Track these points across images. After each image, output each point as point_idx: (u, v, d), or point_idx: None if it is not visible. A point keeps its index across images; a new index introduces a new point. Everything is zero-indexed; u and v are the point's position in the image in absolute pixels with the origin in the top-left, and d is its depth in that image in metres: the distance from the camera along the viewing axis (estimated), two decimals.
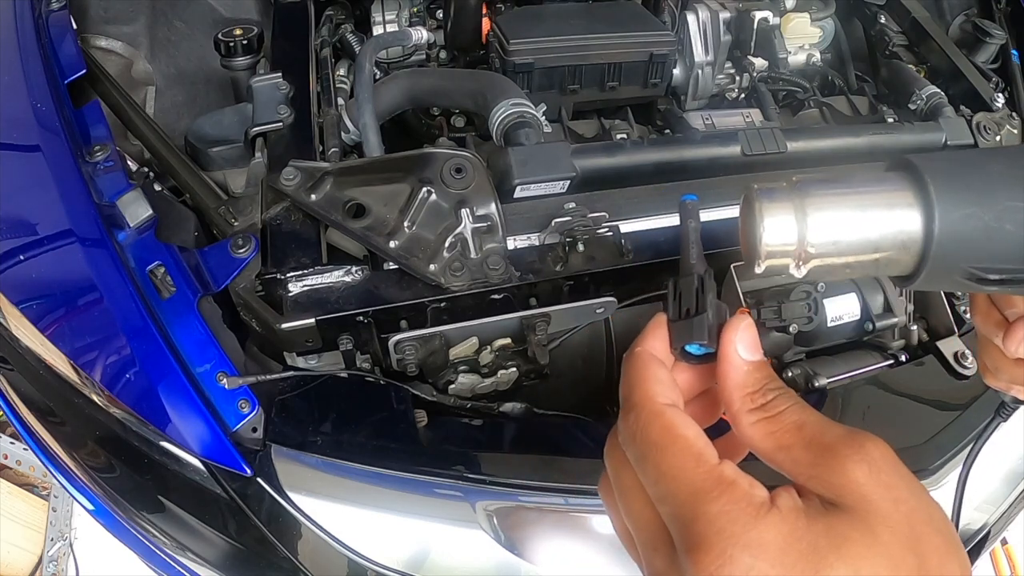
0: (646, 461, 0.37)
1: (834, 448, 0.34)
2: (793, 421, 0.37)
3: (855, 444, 0.34)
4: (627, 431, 0.39)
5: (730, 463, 0.36)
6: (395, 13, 1.12)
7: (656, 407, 0.38)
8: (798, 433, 0.36)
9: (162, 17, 1.16)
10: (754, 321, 0.42)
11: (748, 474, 0.36)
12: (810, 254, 0.41)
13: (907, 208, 0.40)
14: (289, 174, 0.73)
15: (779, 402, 0.38)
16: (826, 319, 0.81)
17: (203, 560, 0.71)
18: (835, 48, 1.29)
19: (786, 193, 0.42)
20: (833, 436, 0.35)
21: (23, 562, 1.77)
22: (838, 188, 0.42)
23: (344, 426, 0.68)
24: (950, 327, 0.88)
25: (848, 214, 0.41)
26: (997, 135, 1.00)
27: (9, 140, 0.80)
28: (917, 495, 0.34)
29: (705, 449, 0.36)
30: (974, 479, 0.69)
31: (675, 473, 0.36)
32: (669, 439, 0.37)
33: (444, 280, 0.70)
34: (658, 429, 0.37)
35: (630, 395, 0.40)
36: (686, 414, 0.39)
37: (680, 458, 0.36)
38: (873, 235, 0.41)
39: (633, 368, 0.41)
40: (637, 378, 0.41)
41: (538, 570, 0.67)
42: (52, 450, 0.78)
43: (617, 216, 0.80)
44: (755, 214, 0.42)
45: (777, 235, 0.41)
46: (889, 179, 0.42)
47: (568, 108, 1.03)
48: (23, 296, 0.72)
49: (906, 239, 0.40)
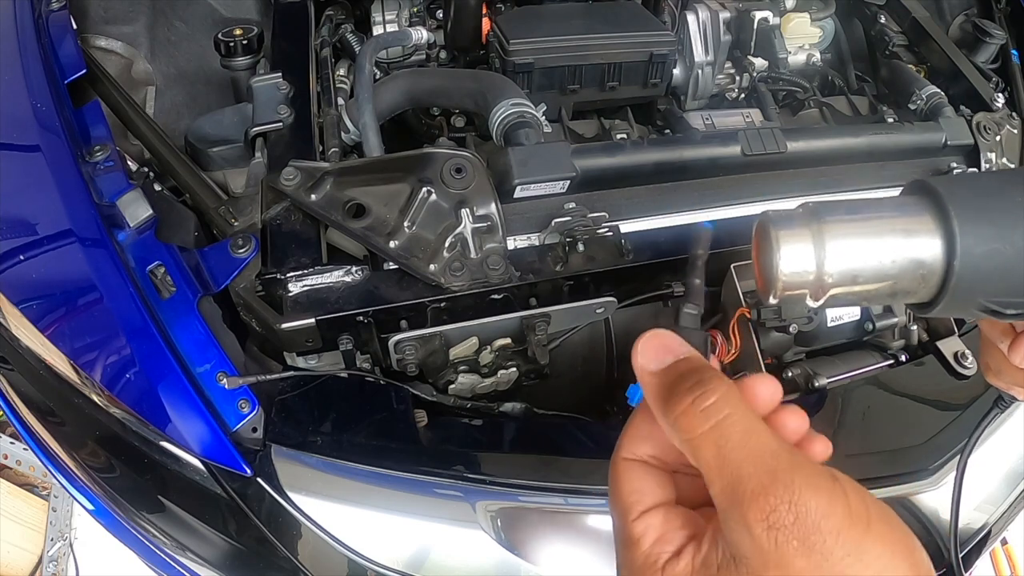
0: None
1: (744, 507, 0.31)
2: (712, 454, 0.33)
3: (766, 506, 0.30)
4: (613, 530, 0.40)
5: (649, 514, 0.37)
6: (395, 13, 1.12)
7: (629, 525, 0.38)
8: (717, 471, 0.33)
9: (162, 17, 1.16)
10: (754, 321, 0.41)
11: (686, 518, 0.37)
12: (828, 284, 0.39)
13: (928, 239, 0.39)
14: (289, 174, 0.73)
15: (694, 424, 0.34)
16: (826, 319, 0.81)
17: (203, 560, 0.71)
18: (835, 48, 1.29)
19: (803, 220, 0.40)
20: (749, 489, 0.31)
21: (23, 562, 1.77)
22: (856, 215, 0.40)
23: (344, 426, 0.68)
24: (950, 327, 0.88)
25: (867, 243, 0.39)
26: (997, 135, 0.99)
27: (9, 140, 0.80)
28: (834, 557, 0.30)
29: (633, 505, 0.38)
30: (974, 479, 0.69)
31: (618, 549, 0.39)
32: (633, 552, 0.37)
33: (444, 280, 0.70)
34: (625, 537, 0.38)
35: (612, 503, 0.40)
36: (652, 518, 0.37)
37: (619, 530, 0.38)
38: (892, 266, 0.39)
39: (612, 476, 0.40)
40: (614, 488, 0.40)
41: (538, 570, 0.67)
42: (52, 450, 0.78)
43: (617, 216, 0.80)
44: (771, 242, 0.40)
45: (794, 264, 0.39)
46: (909, 207, 0.40)
47: (568, 108, 1.03)
48: (23, 296, 0.72)
49: (926, 272, 0.39)
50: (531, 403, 0.77)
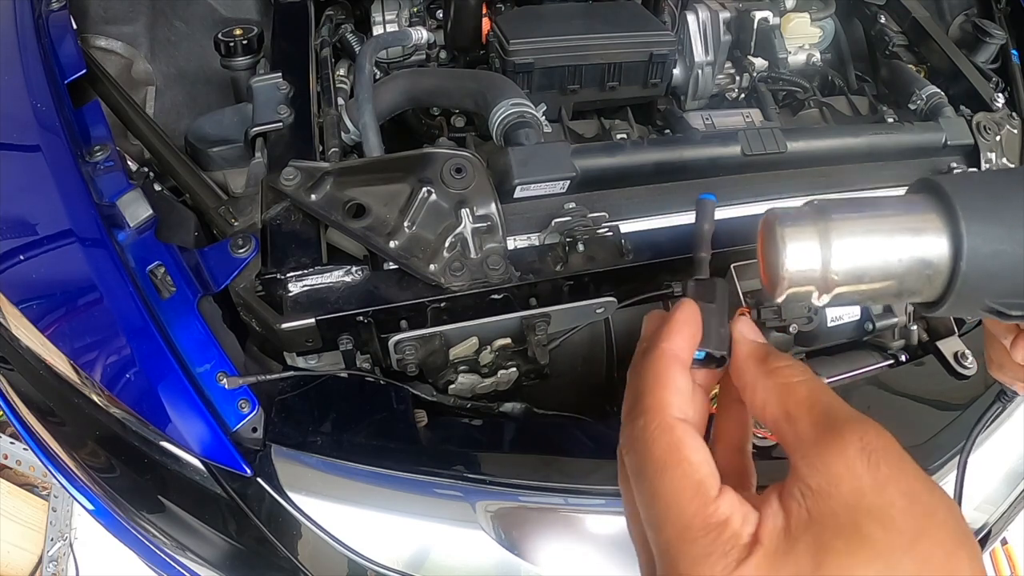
0: (642, 478, 0.36)
1: (838, 431, 0.33)
2: (805, 394, 0.36)
3: (858, 431, 0.33)
4: (630, 437, 0.37)
5: (729, 494, 0.35)
6: (395, 13, 1.12)
7: (668, 420, 0.36)
8: (807, 407, 0.35)
9: (162, 17, 1.16)
10: (754, 321, 0.42)
11: (746, 499, 0.35)
12: (834, 281, 0.39)
13: (935, 238, 0.39)
14: (289, 174, 0.73)
15: (792, 373, 0.38)
16: (826, 319, 0.81)
17: (203, 560, 0.71)
18: (835, 48, 1.28)
19: (809, 218, 0.40)
20: (840, 419, 0.34)
21: (23, 562, 1.77)
22: (863, 213, 0.40)
23: (344, 426, 0.68)
24: (950, 327, 0.88)
25: (874, 241, 0.39)
26: (997, 135, 0.99)
27: (9, 140, 0.80)
28: (919, 489, 0.32)
29: (707, 479, 0.35)
30: (974, 479, 0.69)
31: (669, 500, 0.34)
32: (673, 460, 0.35)
33: (444, 280, 0.70)
34: (664, 445, 0.36)
35: (642, 398, 0.38)
36: (698, 435, 0.37)
37: (679, 484, 0.34)
38: (898, 264, 0.39)
39: (652, 368, 0.39)
40: (655, 381, 0.38)
41: (538, 570, 0.67)
42: (52, 450, 0.78)
43: (617, 216, 0.80)
44: (776, 239, 0.40)
45: (800, 262, 0.39)
46: (916, 205, 0.40)
47: (568, 108, 1.03)
48: (23, 296, 0.72)
49: (932, 272, 0.39)
50: (531, 403, 0.77)
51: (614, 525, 0.69)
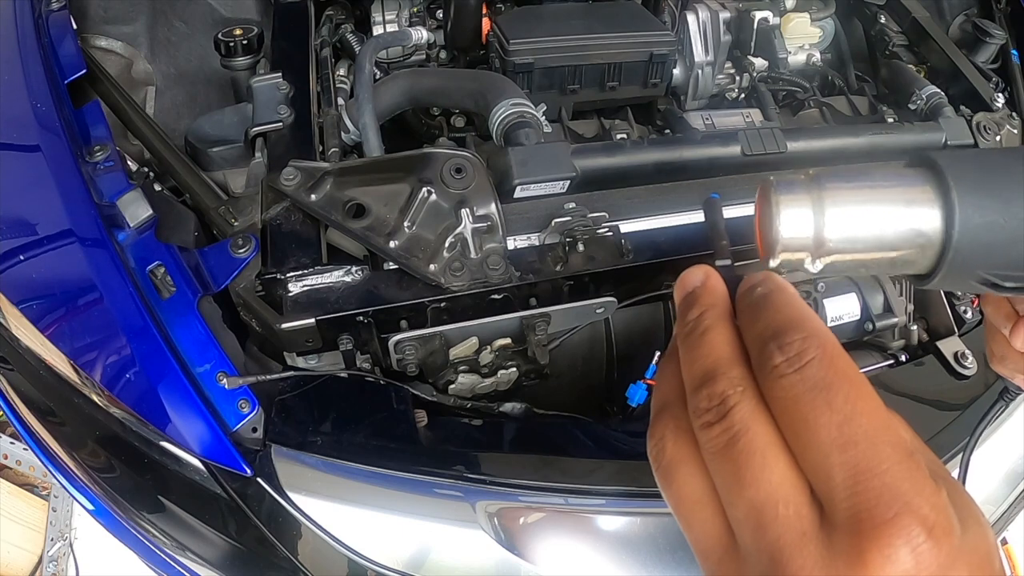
0: (835, 392, 0.30)
1: None
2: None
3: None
4: (798, 357, 0.31)
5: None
6: (395, 13, 1.12)
7: (838, 344, 0.32)
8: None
9: (162, 17, 1.16)
10: None
11: None
12: (827, 248, 0.40)
13: (928, 209, 0.39)
14: (289, 174, 0.73)
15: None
16: (826, 319, 0.81)
17: (203, 560, 0.71)
18: (835, 48, 1.29)
19: (804, 186, 0.41)
20: None
21: (23, 562, 1.77)
22: (857, 183, 0.41)
23: (344, 426, 0.68)
24: (950, 327, 0.88)
25: (867, 210, 0.40)
26: (997, 135, 0.99)
27: (9, 140, 0.80)
28: None
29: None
30: (975, 480, 0.69)
31: (870, 411, 0.30)
32: (861, 377, 0.31)
33: (444, 280, 0.70)
34: (847, 362, 0.31)
35: (805, 320, 0.33)
36: None
37: (874, 400, 0.31)
38: (891, 234, 0.40)
39: (783, 299, 0.35)
40: (807, 308, 0.34)
41: (538, 570, 0.67)
42: (52, 450, 0.78)
43: (617, 216, 0.80)
44: (772, 206, 0.41)
45: (794, 228, 0.40)
46: (910, 177, 0.41)
47: (568, 108, 1.03)
48: (23, 296, 0.72)
49: (924, 242, 0.40)
50: (531, 403, 0.77)
51: (614, 525, 0.70)
